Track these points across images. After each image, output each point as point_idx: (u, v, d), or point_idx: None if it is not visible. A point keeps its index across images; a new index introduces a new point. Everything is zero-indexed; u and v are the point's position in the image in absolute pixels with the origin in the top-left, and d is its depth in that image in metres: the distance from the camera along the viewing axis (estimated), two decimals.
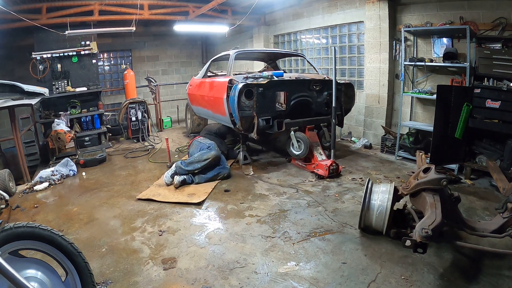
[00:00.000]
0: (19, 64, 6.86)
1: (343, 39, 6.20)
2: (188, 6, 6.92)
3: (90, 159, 5.10)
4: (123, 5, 6.38)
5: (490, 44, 3.82)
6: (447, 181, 2.24)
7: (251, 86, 4.06)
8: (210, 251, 2.55)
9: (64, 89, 6.13)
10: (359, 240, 2.64)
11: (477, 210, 3.10)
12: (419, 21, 4.78)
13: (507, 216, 2.21)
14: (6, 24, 5.61)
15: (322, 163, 4.09)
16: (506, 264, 2.24)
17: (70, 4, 5.99)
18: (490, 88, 3.66)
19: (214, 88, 4.89)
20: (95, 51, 6.43)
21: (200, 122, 6.52)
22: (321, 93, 4.64)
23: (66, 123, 5.82)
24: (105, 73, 9.07)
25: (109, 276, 2.26)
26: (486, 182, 3.77)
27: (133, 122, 6.61)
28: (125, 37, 8.27)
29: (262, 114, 4.19)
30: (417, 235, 1.88)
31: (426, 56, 4.62)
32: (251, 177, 4.24)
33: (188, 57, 10.29)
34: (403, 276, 2.14)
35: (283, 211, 3.19)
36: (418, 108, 4.99)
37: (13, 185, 4.06)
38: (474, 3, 4.13)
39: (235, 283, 2.14)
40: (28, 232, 1.55)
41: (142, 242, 2.73)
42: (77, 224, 3.10)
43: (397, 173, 4.18)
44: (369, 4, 5.23)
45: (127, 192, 3.88)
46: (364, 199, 2.56)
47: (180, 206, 3.41)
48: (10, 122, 4.31)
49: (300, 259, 2.39)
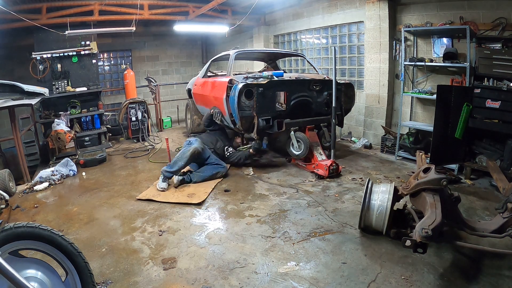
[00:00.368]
0: (19, 64, 6.85)
1: (343, 39, 6.20)
2: (188, 6, 6.93)
3: (90, 159, 5.09)
4: (123, 5, 6.38)
5: (490, 44, 3.82)
6: (447, 181, 2.24)
7: (251, 86, 4.06)
8: (210, 251, 2.55)
9: (64, 89, 6.13)
10: (359, 240, 2.64)
11: (477, 210, 3.10)
12: (419, 21, 4.78)
13: (507, 216, 2.21)
14: (6, 24, 5.61)
15: (322, 163, 4.09)
16: (506, 264, 2.24)
17: (70, 4, 5.99)
18: (490, 88, 3.66)
19: (215, 88, 4.90)
20: (95, 51, 6.43)
21: (200, 122, 6.50)
22: (321, 93, 4.64)
23: (66, 123, 5.82)
24: (105, 73, 9.08)
25: (109, 276, 2.26)
26: (486, 182, 3.77)
27: (133, 122, 6.60)
28: (125, 37, 8.27)
29: (262, 114, 4.19)
30: (417, 235, 1.88)
31: (426, 56, 4.62)
32: (251, 177, 4.24)
33: (188, 57, 10.29)
34: (403, 276, 2.14)
35: (283, 211, 3.19)
36: (418, 108, 4.99)
37: (13, 185, 4.06)
38: (474, 3, 4.13)
39: (235, 283, 2.14)
40: (28, 232, 1.55)
41: (142, 242, 2.73)
42: (77, 224, 3.10)
43: (397, 173, 4.18)
44: (369, 4, 5.23)
45: (127, 192, 3.88)
46: (364, 199, 2.57)
47: (180, 206, 3.41)
48: (10, 122, 4.30)
49: (300, 259, 2.39)
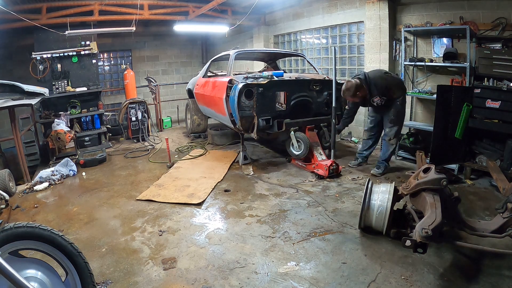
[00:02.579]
0: (19, 64, 6.84)
1: (343, 39, 6.20)
2: (188, 6, 6.92)
3: (90, 159, 5.09)
4: (123, 5, 6.37)
5: (490, 44, 3.82)
6: (447, 181, 2.24)
7: (251, 86, 4.06)
8: (210, 251, 2.55)
9: (64, 89, 6.12)
10: (359, 240, 2.64)
11: (477, 210, 3.10)
12: (419, 21, 4.78)
13: (507, 216, 2.21)
14: (6, 24, 5.60)
15: (322, 163, 4.09)
16: (506, 264, 2.24)
17: (70, 4, 5.98)
18: (490, 88, 3.66)
19: (215, 88, 4.90)
20: (95, 51, 6.42)
21: (200, 122, 6.51)
22: (321, 93, 4.64)
23: (66, 123, 5.81)
24: (105, 73, 9.07)
25: (109, 276, 2.26)
26: (486, 182, 3.77)
27: (133, 122, 6.60)
28: (125, 37, 8.27)
29: (262, 114, 4.19)
30: (417, 235, 1.88)
31: (426, 56, 4.62)
32: (251, 177, 4.24)
33: (188, 57, 10.28)
34: (403, 276, 2.13)
35: (283, 211, 3.19)
36: (418, 108, 4.99)
37: (13, 185, 4.06)
38: (474, 3, 4.13)
39: (235, 283, 2.14)
40: (28, 232, 1.55)
41: (142, 242, 2.73)
42: (77, 224, 3.10)
43: (397, 173, 4.18)
44: (369, 4, 5.22)
45: (127, 192, 3.88)
46: (364, 199, 2.56)
47: (180, 206, 3.41)
48: (10, 122, 4.30)
49: (300, 259, 2.39)
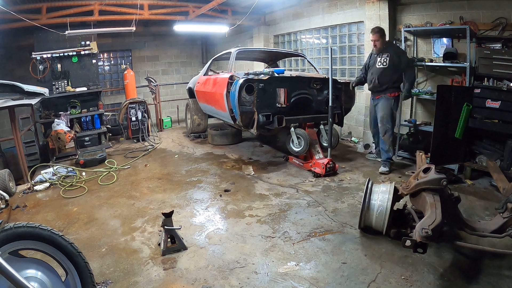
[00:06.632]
0: (19, 64, 6.85)
1: (343, 39, 6.19)
2: (188, 6, 6.92)
3: (90, 159, 5.08)
4: (123, 5, 6.37)
5: (490, 44, 3.82)
6: (447, 181, 2.24)
7: (252, 81, 4.07)
8: (210, 251, 2.55)
9: (64, 89, 6.12)
10: (359, 240, 2.64)
11: (477, 210, 3.10)
12: (419, 21, 4.78)
13: (507, 216, 2.21)
14: (6, 24, 5.60)
15: (319, 162, 4.11)
16: (506, 264, 2.24)
17: (70, 4, 5.98)
18: (490, 88, 3.66)
19: (216, 84, 4.91)
20: (95, 51, 6.42)
21: (200, 122, 6.51)
22: (321, 92, 4.64)
23: (66, 123, 5.81)
24: (105, 73, 9.07)
25: (109, 276, 2.26)
26: (486, 182, 3.77)
27: (133, 122, 6.59)
28: (125, 37, 8.27)
29: (262, 110, 4.19)
30: (417, 235, 1.88)
31: (426, 56, 4.62)
32: (251, 177, 4.24)
33: (188, 57, 10.28)
34: (403, 276, 2.13)
35: (283, 211, 3.19)
36: (418, 108, 4.99)
37: (13, 185, 4.05)
38: (474, 3, 4.13)
39: (235, 283, 2.14)
40: (28, 232, 1.55)
41: (142, 242, 2.73)
42: (77, 224, 3.10)
43: (397, 173, 4.18)
44: (369, 4, 5.22)
45: (127, 192, 3.88)
46: (364, 199, 2.56)
47: (180, 206, 3.41)
48: (10, 122, 4.30)
49: (300, 259, 2.39)
